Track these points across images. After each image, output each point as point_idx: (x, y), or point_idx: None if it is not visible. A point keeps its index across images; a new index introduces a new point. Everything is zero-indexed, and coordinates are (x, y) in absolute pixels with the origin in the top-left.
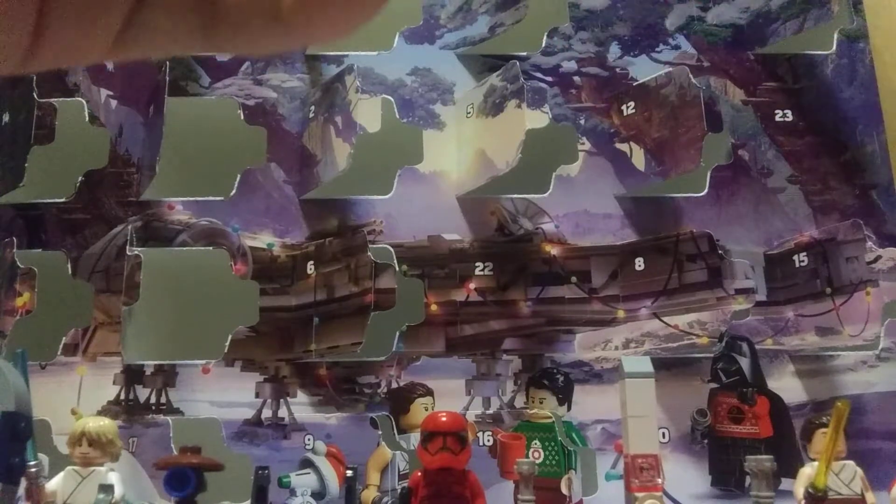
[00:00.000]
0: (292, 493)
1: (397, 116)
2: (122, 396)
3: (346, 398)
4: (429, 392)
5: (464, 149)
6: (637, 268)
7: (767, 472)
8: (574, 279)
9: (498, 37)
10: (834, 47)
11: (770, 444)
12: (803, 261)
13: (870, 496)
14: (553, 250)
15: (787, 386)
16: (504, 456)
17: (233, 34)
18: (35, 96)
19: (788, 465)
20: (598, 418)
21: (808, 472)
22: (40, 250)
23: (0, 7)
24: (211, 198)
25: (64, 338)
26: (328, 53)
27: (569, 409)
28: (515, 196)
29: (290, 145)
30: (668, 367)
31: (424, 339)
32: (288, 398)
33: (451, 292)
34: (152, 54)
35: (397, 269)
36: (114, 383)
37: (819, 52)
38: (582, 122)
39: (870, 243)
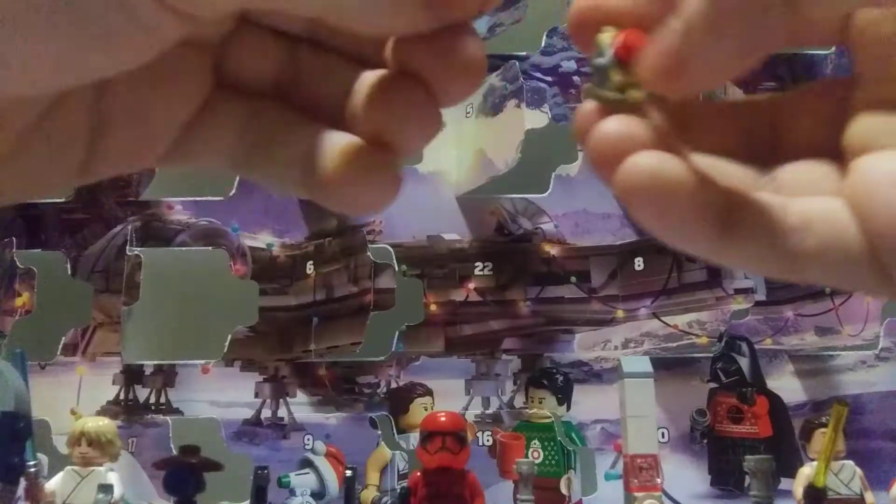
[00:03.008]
0: (292, 493)
1: None
2: (122, 396)
3: (346, 398)
4: (428, 392)
5: (463, 149)
6: (636, 268)
7: (767, 471)
8: (573, 279)
9: (497, 36)
10: (833, 47)
11: (769, 443)
12: None
13: (869, 496)
14: (552, 250)
15: (787, 386)
16: (503, 456)
17: (271, 176)
18: None
19: (788, 464)
20: (597, 418)
21: (807, 471)
22: (40, 250)
23: (56, 124)
24: (210, 198)
25: (63, 338)
26: None
27: (568, 408)
28: (515, 196)
29: None
30: (668, 366)
31: (424, 339)
32: (287, 398)
33: (451, 292)
34: (200, 165)
35: (397, 269)
36: (113, 383)
37: (819, 52)
38: None
39: None
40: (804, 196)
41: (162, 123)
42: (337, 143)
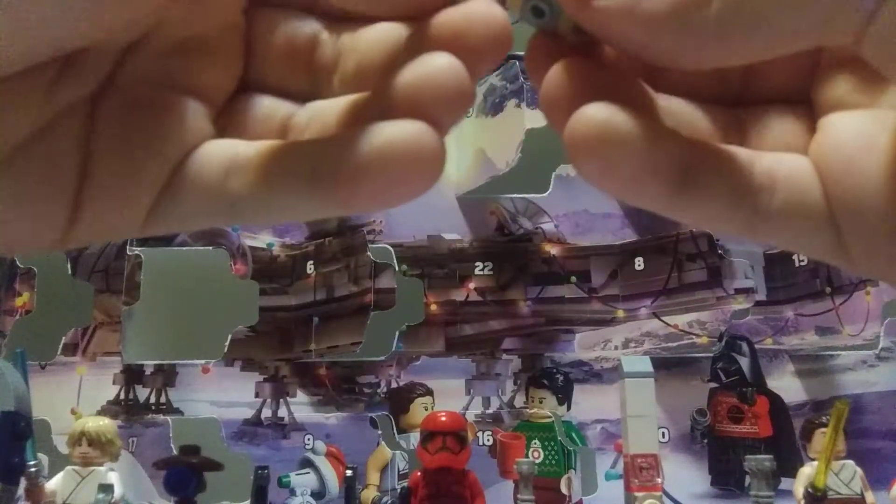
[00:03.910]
0: (292, 492)
1: None
2: (122, 396)
3: (346, 398)
4: (428, 392)
5: (463, 148)
6: (637, 267)
7: (767, 471)
8: (574, 279)
9: None
10: None
11: (770, 443)
12: (803, 260)
13: (869, 496)
14: (553, 250)
15: (787, 385)
16: (504, 455)
17: (262, 209)
18: None
19: (788, 464)
20: (597, 418)
21: (807, 471)
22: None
23: (38, 190)
24: None
25: (64, 338)
26: None
27: (568, 408)
28: (515, 196)
29: None
30: (668, 366)
31: (424, 338)
32: (287, 398)
33: (451, 292)
34: (182, 228)
35: (397, 268)
36: (113, 383)
37: None
38: None
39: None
40: (772, 149)
41: (151, 164)
42: (384, 128)
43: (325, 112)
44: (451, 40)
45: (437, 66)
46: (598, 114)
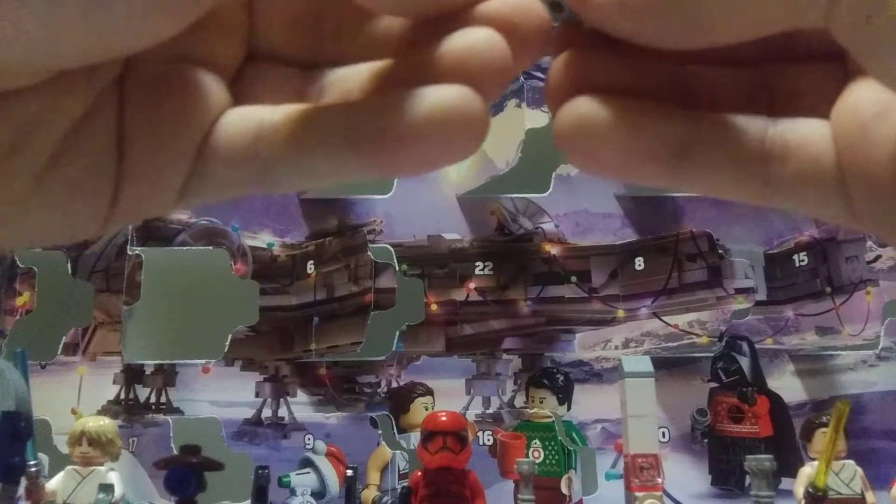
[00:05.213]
0: (292, 492)
1: None
2: (122, 396)
3: (346, 398)
4: (429, 391)
5: None
6: (637, 267)
7: (767, 471)
8: (574, 279)
9: None
10: None
11: (770, 443)
12: (803, 260)
13: (870, 496)
14: (553, 250)
15: (787, 385)
16: (504, 455)
17: (296, 173)
18: None
19: (788, 464)
20: (597, 418)
21: (808, 471)
22: (40, 249)
23: (84, 182)
24: None
25: (64, 337)
26: None
27: (569, 408)
28: (515, 195)
29: None
30: (668, 366)
31: (424, 338)
32: (288, 398)
33: (451, 292)
34: (216, 199)
35: (397, 268)
36: (114, 383)
37: None
38: None
39: (870, 242)
40: (801, 114)
41: (181, 137)
42: (432, 91)
43: (345, 79)
44: (498, 25)
45: (482, 37)
46: (579, 107)
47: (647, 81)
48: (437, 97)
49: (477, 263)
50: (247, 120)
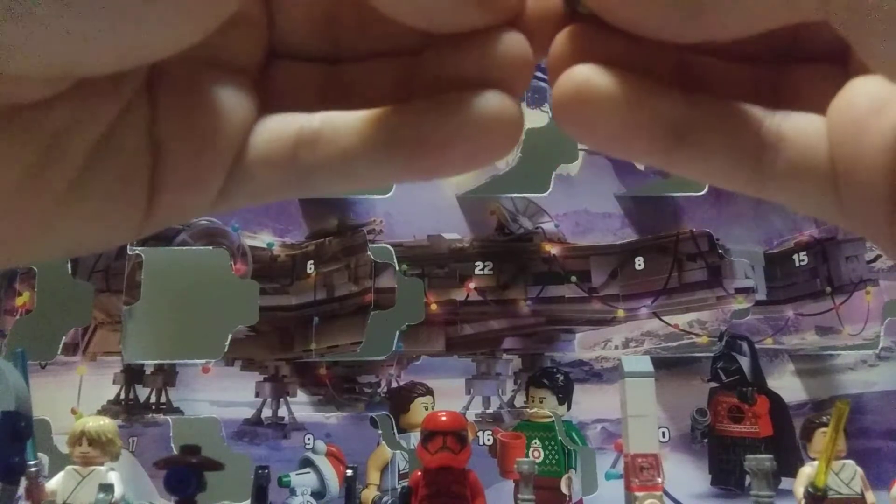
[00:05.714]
0: (292, 492)
1: None
2: (122, 396)
3: (346, 398)
4: (429, 391)
5: None
6: (637, 267)
7: (767, 471)
8: (574, 278)
9: None
10: None
11: (770, 443)
12: (803, 260)
13: (870, 495)
14: (553, 250)
15: (787, 385)
16: (504, 455)
17: (337, 178)
18: None
19: (788, 464)
20: (597, 418)
21: (808, 471)
22: None
23: (118, 189)
24: None
25: (64, 337)
26: None
27: (569, 408)
28: (515, 195)
29: None
30: (668, 366)
31: (424, 338)
32: (288, 397)
33: (451, 292)
34: (252, 203)
35: (397, 268)
36: (114, 383)
37: None
38: None
39: (869, 242)
40: (803, 110)
41: (218, 142)
42: (473, 97)
43: (369, 76)
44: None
45: (511, 40)
46: (579, 74)
47: (652, 63)
48: (479, 103)
49: (477, 263)
50: (285, 125)
